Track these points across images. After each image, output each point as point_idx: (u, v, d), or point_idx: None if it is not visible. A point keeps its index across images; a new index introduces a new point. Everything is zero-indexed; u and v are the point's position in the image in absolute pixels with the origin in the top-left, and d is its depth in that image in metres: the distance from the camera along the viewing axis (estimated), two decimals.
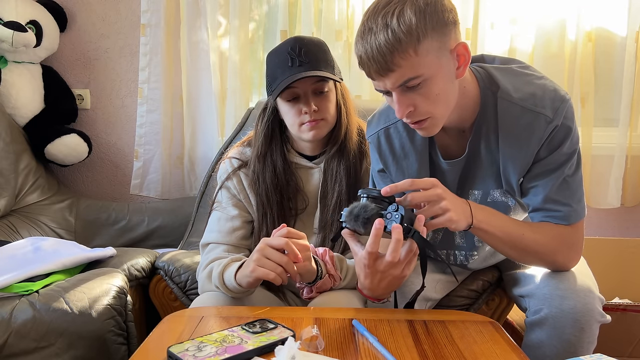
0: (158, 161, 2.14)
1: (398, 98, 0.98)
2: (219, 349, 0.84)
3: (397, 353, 0.87)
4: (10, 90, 1.97)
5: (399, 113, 0.99)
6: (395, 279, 1.01)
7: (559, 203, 1.07)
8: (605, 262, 1.79)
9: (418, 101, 0.98)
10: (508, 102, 1.05)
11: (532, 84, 1.06)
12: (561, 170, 1.05)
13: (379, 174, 1.23)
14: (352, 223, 0.98)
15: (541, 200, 1.08)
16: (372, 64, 0.94)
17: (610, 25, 2.04)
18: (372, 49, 0.93)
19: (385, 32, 0.92)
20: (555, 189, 1.06)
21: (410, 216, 0.97)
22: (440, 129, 1.05)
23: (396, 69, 0.93)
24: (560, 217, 1.07)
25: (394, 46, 0.91)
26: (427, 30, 0.92)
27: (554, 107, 1.03)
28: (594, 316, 1.05)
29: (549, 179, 1.06)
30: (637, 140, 2.06)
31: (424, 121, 1.01)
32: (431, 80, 0.96)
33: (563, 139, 1.04)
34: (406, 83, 0.95)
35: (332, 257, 1.17)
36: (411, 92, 0.97)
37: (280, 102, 1.24)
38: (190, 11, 2.06)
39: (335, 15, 2.00)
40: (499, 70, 1.09)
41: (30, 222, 1.90)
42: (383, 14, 0.93)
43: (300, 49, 1.19)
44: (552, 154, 1.05)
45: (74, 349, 1.25)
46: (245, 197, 1.30)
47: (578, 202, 1.08)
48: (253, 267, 1.06)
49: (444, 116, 1.02)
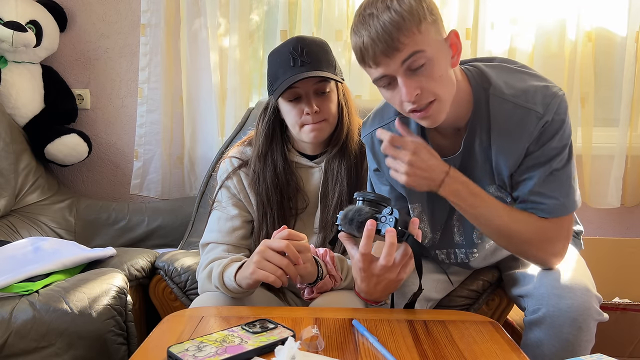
0: (158, 161, 2.13)
1: (405, 81, 0.98)
2: (219, 349, 0.84)
3: (397, 353, 0.87)
4: (10, 90, 1.97)
5: (408, 96, 0.98)
6: (391, 283, 1.02)
7: (544, 196, 1.07)
8: (605, 262, 1.79)
9: (424, 82, 0.98)
10: (500, 99, 1.06)
11: (524, 81, 1.07)
12: (549, 164, 1.06)
13: (375, 173, 1.24)
14: (347, 226, 0.99)
15: (527, 192, 1.08)
16: (378, 44, 0.95)
17: (610, 25, 2.04)
18: (377, 30, 0.95)
19: (389, 12, 0.94)
20: (541, 181, 1.07)
21: (404, 219, 0.98)
22: (439, 123, 1.05)
23: (402, 47, 0.95)
24: (544, 210, 1.08)
25: (399, 24, 0.94)
26: (426, 14, 0.96)
27: (545, 102, 1.03)
28: (591, 315, 1.05)
29: (536, 172, 1.07)
30: (637, 140, 2.05)
31: (430, 106, 1.01)
32: (434, 60, 0.98)
33: (553, 134, 1.04)
34: (411, 59, 0.96)
35: (333, 258, 1.17)
36: (416, 75, 0.98)
37: (282, 102, 1.24)
38: (190, 11, 2.06)
39: (335, 15, 2.01)
40: (491, 67, 1.10)
41: (30, 222, 1.90)
42: (382, 0, 0.96)
43: (302, 49, 1.19)
44: (542, 148, 1.05)
45: (74, 349, 1.25)
46: (245, 197, 1.30)
47: (565, 196, 1.08)
48: (253, 269, 1.06)
49: (448, 101, 1.03)
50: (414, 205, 1.21)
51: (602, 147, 2.05)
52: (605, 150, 2.04)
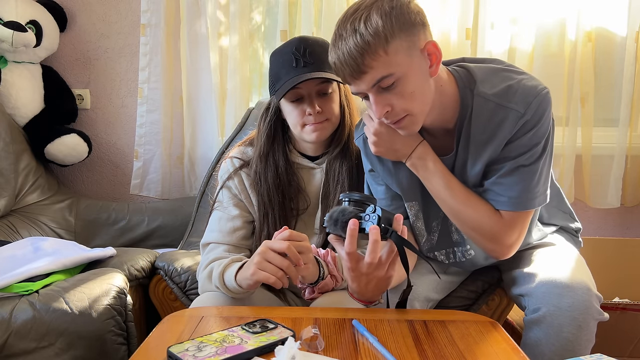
0: (158, 161, 2.14)
1: (375, 99, 1.01)
2: (219, 349, 0.84)
3: (397, 353, 0.87)
4: (10, 90, 1.97)
5: (378, 113, 1.02)
6: (381, 281, 1.01)
7: (504, 187, 1.08)
8: (605, 262, 1.79)
9: (394, 100, 1.00)
10: (483, 99, 1.06)
11: (509, 79, 1.07)
12: (517, 159, 1.06)
13: (370, 173, 1.25)
14: (333, 227, 0.99)
15: (490, 182, 1.09)
16: (345, 67, 0.98)
17: (610, 25, 2.04)
18: (344, 54, 0.97)
19: (354, 36, 0.95)
20: (505, 173, 1.07)
21: (387, 217, 0.97)
22: (420, 128, 1.06)
23: (368, 70, 0.96)
24: (500, 202, 1.09)
25: (363, 48, 0.95)
26: (395, 31, 0.96)
27: (526, 101, 1.03)
28: (591, 314, 1.05)
29: (504, 165, 1.07)
30: (637, 140, 2.06)
31: (402, 120, 1.03)
32: (404, 78, 0.99)
33: (527, 131, 1.04)
34: (380, 82, 0.98)
35: (334, 258, 1.17)
36: (387, 92, 1.00)
37: (284, 102, 1.24)
38: (190, 11, 2.06)
39: (335, 15, 2.01)
40: (478, 67, 1.11)
41: (30, 222, 1.90)
42: (351, 21, 0.97)
43: (305, 49, 1.19)
44: (513, 143, 1.06)
45: (74, 349, 1.25)
46: (246, 197, 1.30)
47: (526, 192, 1.07)
48: (254, 271, 1.06)
49: (423, 113, 1.04)
50: (411, 204, 1.21)
51: (602, 147, 2.05)
52: (605, 150, 2.04)
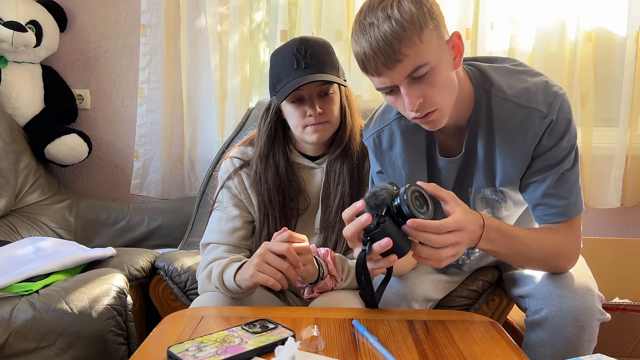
0: (158, 161, 2.14)
1: (407, 90, 0.97)
2: (219, 349, 0.84)
3: (397, 353, 0.87)
4: (10, 90, 1.97)
5: (410, 105, 0.97)
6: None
7: (558, 197, 1.07)
8: (605, 262, 1.79)
9: (426, 91, 0.97)
10: (502, 99, 1.05)
11: (525, 81, 1.06)
12: (560, 165, 1.05)
13: (378, 175, 1.24)
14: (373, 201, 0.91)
15: (540, 195, 1.08)
16: (379, 56, 0.93)
17: (610, 25, 2.04)
18: (378, 41, 0.92)
19: (389, 22, 0.91)
20: (553, 183, 1.06)
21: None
22: (440, 127, 1.04)
23: (403, 58, 0.93)
24: (557, 213, 1.07)
25: (400, 34, 0.91)
26: (427, 19, 0.93)
27: (547, 102, 1.03)
28: (593, 314, 1.05)
29: (547, 174, 1.06)
30: (637, 140, 2.05)
31: (431, 113, 1.00)
32: (437, 68, 0.96)
33: (563, 134, 1.04)
34: (414, 72, 0.94)
35: (334, 258, 1.17)
36: (418, 83, 0.96)
37: (285, 103, 1.24)
38: (191, 11, 2.06)
39: (335, 15, 2.01)
40: (492, 68, 1.10)
41: (30, 222, 1.90)
42: (382, 7, 0.93)
43: (306, 50, 1.19)
44: (552, 149, 1.05)
45: (74, 349, 1.25)
46: (246, 197, 1.30)
47: (577, 196, 1.08)
48: (253, 272, 1.06)
49: (449, 107, 1.02)
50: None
51: (602, 147, 2.05)
52: (605, 150, 2.04)
